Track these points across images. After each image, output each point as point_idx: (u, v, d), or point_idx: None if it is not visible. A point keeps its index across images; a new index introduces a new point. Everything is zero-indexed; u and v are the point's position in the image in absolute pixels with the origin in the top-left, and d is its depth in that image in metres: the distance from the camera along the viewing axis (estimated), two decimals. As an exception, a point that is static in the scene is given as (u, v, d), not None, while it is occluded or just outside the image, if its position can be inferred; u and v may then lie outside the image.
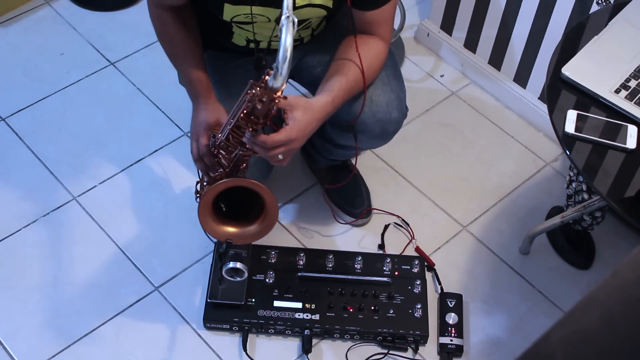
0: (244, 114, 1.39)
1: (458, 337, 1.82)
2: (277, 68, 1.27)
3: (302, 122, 1.45)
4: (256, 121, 1.40)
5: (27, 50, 2.38)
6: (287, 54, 1.25)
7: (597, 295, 0.77)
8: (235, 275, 1.68)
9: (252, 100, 1.35)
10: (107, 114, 2.23)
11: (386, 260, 1.90)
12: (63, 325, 1.81)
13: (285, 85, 1.32)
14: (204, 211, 1.53)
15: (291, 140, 1.44)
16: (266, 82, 1.32)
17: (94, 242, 1.96)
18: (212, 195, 1.51)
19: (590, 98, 1.58)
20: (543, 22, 2.09)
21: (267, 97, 1.34)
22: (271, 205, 1.53)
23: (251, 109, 1.38)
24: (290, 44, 1.24)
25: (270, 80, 1.30)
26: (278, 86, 1.31)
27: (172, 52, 1.66)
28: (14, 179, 2.07)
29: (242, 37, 1.66)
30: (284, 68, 1.27)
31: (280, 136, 1.43)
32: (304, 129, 1.46)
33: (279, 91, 1.33)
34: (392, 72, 1.72)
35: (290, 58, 1.26)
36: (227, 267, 1.67)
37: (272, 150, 1.44)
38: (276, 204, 1.53)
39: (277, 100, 1.35)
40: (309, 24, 1.64)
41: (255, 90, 1.34)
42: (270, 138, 1.42)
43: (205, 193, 1.52)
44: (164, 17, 1.62)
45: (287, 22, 1.24)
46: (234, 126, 1.45)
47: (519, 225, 2.07)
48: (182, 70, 1.66)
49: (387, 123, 1.70)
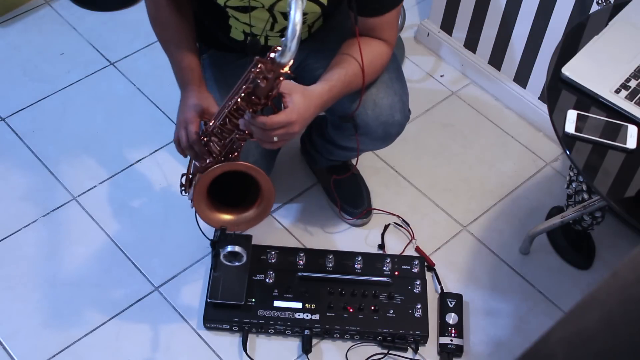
0: (246, 93, 1.37)
1: (458, 337, 1.82)
2: (286, 44, 1.24)
3: (301, 105, 1.44)
4: (257, 102, 1.37)
5: (27, 50, 2.38)
6: (296, 29, 1.23)
7: (597, 295, 0.77)
8: (234, 260, 1.62)
9: (257, 77, 1.32)
10: (107, 114, 2.23)
11: (386, 260, 1.90)
12: (63, 325, 1.81)
13: (292, 62, 1.29)
14: (198, 198, 1.50)
15: (290, 122, 1.42)
16: (272, 59, 1.29)
17: (94, 242, 1.96)
18: (207, 180, 1.49)
19: (590, 98, 1.58)
20: (543, 22, 2.09)
21: (273, 74, 1.31)
22: (266, 188, 1.50)
23: (253, 89, 1.35)
24: (300, 20, 1.22)
25: (278, 56, 1.27)
26: (286, 61, 1.28)
27: (164, 37, 1.65)
28: (14, 179, 2.07)
29: (239, 30, 1.66)
30: (293, 44, 1.24)
31: (279, 117, 1.41)
32: (303, 113, 1.45)
33: (286, 66, 1.30)
34: (395, 75, 1.72)
35: (299, 34, 1.23)
36: (225, 251, 1.61)
37: (270, 132, 1.42)
38: (272, 187, 1.50)
39: (282, 77, 1.33)
40: (304, 19, 1.63)
41: (261, 67, 1.31)
42: (269, 119, 1.40)
43: (200, 179, 1.49)
44: (158, 0, 1.61)
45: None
46: (233, 108, 1.42)
47: (519, 225, 2.07)
48: (173, 56, 1.64)
49: (390, 126, 1.70)
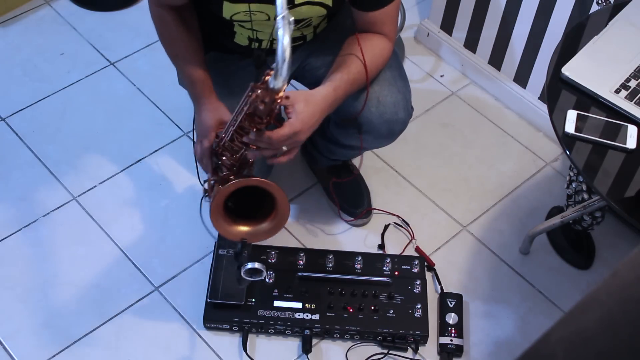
0: (247, 115, 1.40)
1: (458, 337, 1.82)
2: (277, 69, 1.27)
3: (305, 114, 1.46)
4: (259, 121, 1.40)
5: (27, 50, 2.38)
6: (286, 55, 1.24)
7: (597, 295, 0.77)
8: (255, 275, 1.63)
9: (254, 102, 1.35)
10: (107, 114, 2.23)
11: (386, 260, 1.90)
12: (63, 325, 1.81)
13: (286, 86, 1.32)
14: (216, 214, 1.52)
15: (296, 132, 1.45)
16: (267, 83, 1.31)
17: (94, 242, 1.96)
18: (223, 197, 1.51)
19: (590, 98, 1.58)
20: (543, 22, 2.09)
21: (269, 99, 1.34)
22: (282, 201, 1.52)
23: (253, 110, 1.38)
24: (289, 43, 1.24)
25: (271, 82, 1.30)
26: (279, 87, 1.31)
27: (173, 52, 1.67)
28: (14, 179, 2.07)
29: (244, 36, 1.66)
30: (284, 68, 1.26)
31: (284, 130, 1.43)
32: (307, 121, 1.46)
33: (281, 91, 1.33)
34: (398, 72, 1.72)
35: (289, 58, 1.25)
36: (246, 268, 1.61)
37: (277, 145, 1.45)
38: (287, 200, 1.52)
39: (279, 100, 1.35)
40: (309, 22, 1.64)
41: (256, 93, 1.33)
42: (275, 134, 1.43)
43: (216, 196, 1.51)
44: (164, 16, 1.62)
45: (284, 22, 1.23)
46: (238, 127, 1.45)
47: (519, 225, 2.07)
48: (183, 71, 1.66)
49: (394, 123, 1.71)
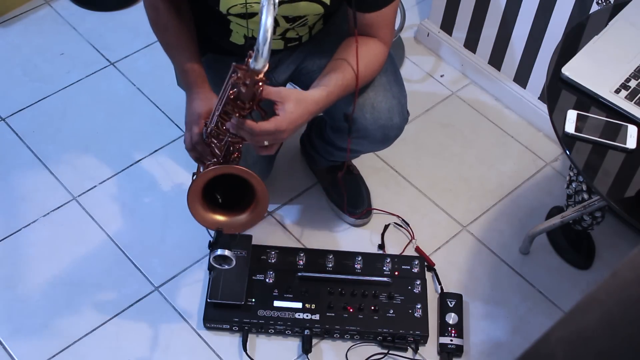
0: (230, 99, 1.38)
1: (458, 337, 1.82)
2: (258, 49, 1.26)
3: (293, 114, 1.44)
4: (242, 106, 1.38)
5: (27, 50, 2.38)
6: (267, 35, 1.24)
7: (597, 295, 0.77)
8: (223, 263, 1.62)
9: (236, 84, 1.34)
10: (107, 114, 2.23)
11: (386, 260, 1.90)
12: (63, 325, 1.81)
13: (266, 67, 1.30)
14: (193, 198, 1.51)
15: (280, 130, 1.43)
16: (248, 65, 1.31)
17: (94, 242, 1.96)
18: (201, 182, 1.49)
19: (590, 98, 1.58)
20: (543, 22, 2.09)
21: (250, 80, 1.33)
22: (261, 194, 1.51)
23: (237, 94, 1.37)
24: (271, 25, 1.24)
25: (252, 63, 1.29)
26: (259, 68, 1.30)
27: (165, 40, 1.65)
28: (14, 179, 2.07)
29: (240, 35, 1.66)
30: (265, 50, 1.25)
31: (268, 125, 1.42)
32: (294, 121, 1.45)
33: (261, 73, 1.32)
34: (393, 77, 1.72)
35: (270, 39, 1.25)
36: (214, 254, 1.60)
37: (258, 137, 1.43)
38: (266, 193, 1.51)
39: (260, 83, 1.34)
40: (305, 21, 1.63)
41: (237, 75, 1.33)
42: (258, 126, 1.41)
43: (195, 180, 1.50)
44: (157, 4, 1.61)
45: (268, 3, 1.24)
46: (222, 112, 1.44)
47: (519, 225, 2.07)
48: (175, 60, 1.65)
49: (389, 129, 1.70)
